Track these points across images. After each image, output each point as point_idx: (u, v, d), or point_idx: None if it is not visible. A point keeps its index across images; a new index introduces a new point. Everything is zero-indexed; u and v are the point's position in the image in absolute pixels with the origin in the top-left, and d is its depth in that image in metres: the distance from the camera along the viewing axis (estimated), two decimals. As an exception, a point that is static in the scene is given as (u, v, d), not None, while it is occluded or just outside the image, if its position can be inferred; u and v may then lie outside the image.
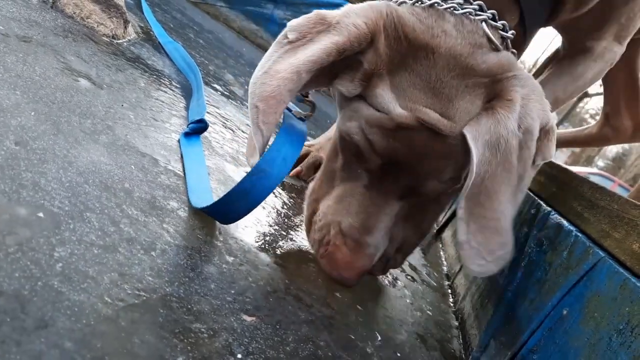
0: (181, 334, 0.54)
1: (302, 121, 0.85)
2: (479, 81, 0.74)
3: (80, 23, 1.32)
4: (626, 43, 1.19)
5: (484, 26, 0.75)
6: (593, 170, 15.26)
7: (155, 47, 1.63)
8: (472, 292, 1.05)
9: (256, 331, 0.62)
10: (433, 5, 0.75)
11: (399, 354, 0.79)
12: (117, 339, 0.48)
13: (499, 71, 0.74)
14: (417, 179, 0.79)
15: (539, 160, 0.76)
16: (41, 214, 0.57)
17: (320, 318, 0.75)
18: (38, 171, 0.63)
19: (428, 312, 1.02)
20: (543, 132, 0.75)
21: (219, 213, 0.77)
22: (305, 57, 0.69)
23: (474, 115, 0.74)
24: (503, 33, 0.79)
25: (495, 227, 0.72)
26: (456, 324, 1.04)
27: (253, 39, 3.61)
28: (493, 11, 0.77)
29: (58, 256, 0.53)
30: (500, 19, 0.78)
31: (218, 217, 0.78)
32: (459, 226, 0.73)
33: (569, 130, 2.02)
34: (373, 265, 0.91)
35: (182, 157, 0.94)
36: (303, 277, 0.83)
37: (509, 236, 0.74)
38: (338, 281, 0.85)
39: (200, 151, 0.99)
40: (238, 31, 3.57)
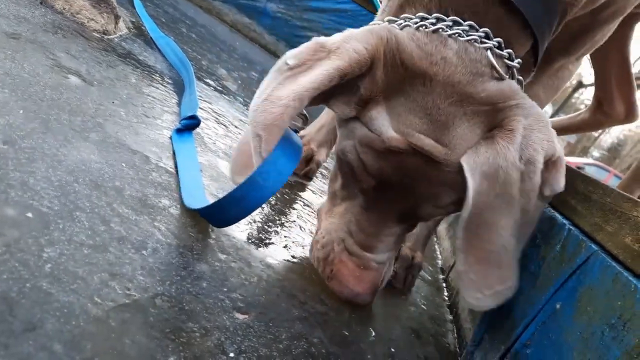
0: (173, 334, 0.53)
1: (295, 132, 0.84)
2: (479, 109, 0.72)
3: (70, 19, 1.31)
4: (581, 60, 1.18)
5: (489, 54, 0.72)
6: (588, 160, 15.30)
7: (146, 43, 1.62)
8: (467, 286, 1.05)
9: (249, 329, 0.62)
10: (437, 30, 0.73)
11: (393, 350, 0.79)
12: (107, 340, 0.48)
13: (501, 99, 0.72)
14: (412, 204, 0.78)
15: (547, 192, 0.72)
16: (30, 214, 0.56)
17: (313, 315, 0.75)
18: (27, 170, 0.63)
19: (422, 307, 1.02)
20: (550, 163, 0.72)
21: (210, 216, 0.77)
22: (307, 83, 0.68)
23: (473, 143, 0.72)
24: (509, 62, 0.75)
25: (494, 260, 0.71)
26: (450, 318, 1.04)
27: (246, 33, 3.59)
28: (499, 39, 0.74)
29: (47, 257, 0.52)
30: (509, 47, 0.75)
31: (209, 220, 0.78)
32: (458, 256, 0.72)
33: (563, 117, 2.02)
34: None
35: (174, 154, 0.94)
36: (296, 274, 0.83)
37: (511, 271, 0.71)
38: (352, 300, 0.82)
39: (192, 148, 0.98)
40: (231, 25, 3.55)
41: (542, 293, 0.69)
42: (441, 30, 0.73)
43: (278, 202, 1.07)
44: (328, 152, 1.33)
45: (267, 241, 0.87)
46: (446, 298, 1.15)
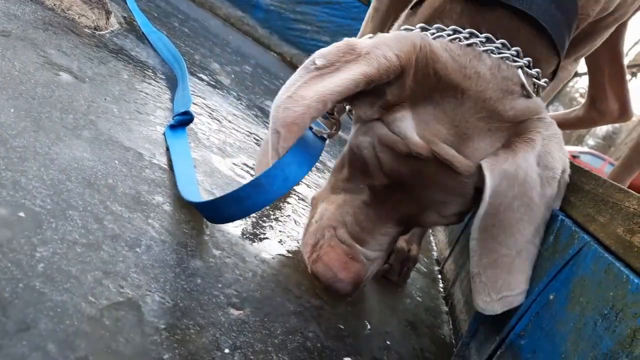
0: (167, 331, 0.53)
1: (323, 140, 0.82)
2: (503, 125, 0.73)
3: (60, 15, 1.30)
4: (580, 60, 1.19)
5: (520, 73, 0.74)
6: (584, 149, 15.35)
7: (138, 38, 1.61)
8: (462, 278, 1.05)
9: (244, 325, 0.62)
10: (471, 45, 0.74)
11: (389, 342, 0.79)
12: (102, 339, 0.48)
13: (526, 116, 0.73)
14: (418, 209, 0.78)
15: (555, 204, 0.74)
16: (22, 214, 0.56)
17: (309, 309, 0.75)
18: (18, 170, 0.63)
19: (418, 299, 1.02)
20: (561, 179, 0.74)
21: (209, 212, 0.76)
22: (332, 86, 0.68)
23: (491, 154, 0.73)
24: (536, 80, 0.78)
25: (507, 265, 0.70)
26: (446, 310, 1.05)
27: (239, 26, 3.57)
28: (529, 58, 0.76)
29: (40, 256, 0.52)
30: (537, 66, 0.77)
31: (207, 215, 0.77)
32: (472, 257, 0.71)
33: (557, 112, 2.02)
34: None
35: (169, 151, 0.93)
36: (291, 268, 0.83)
37: (522, 279, 0.70)
38: (332, 287, 0.78)
39: (186, 144, 0.98)
40: (224, 19, 3.53)
41: (536, 284, 0.69)
42: (475, 45, 0.74)
43: (273, 197, 1.07)
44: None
45: (262, 236, 0.87)
46: (441, 290, 1.15)
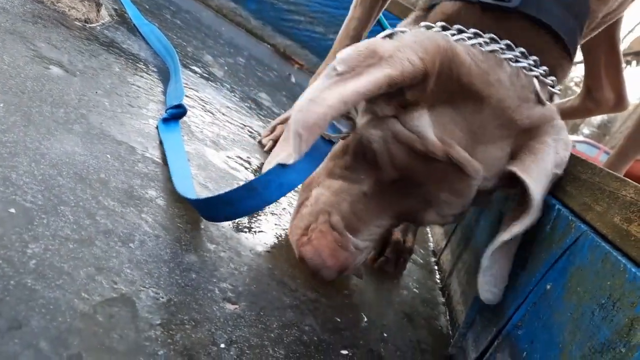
0: (161, 327, 0.53)
1: (332, 143, 0.80)
2: (516, 133, 0.75)
3: (50, 7, 1.28)
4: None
5: (536, 83, 0.76)
6: (579, 138, 15.38)
7: (130, 30, 1.59)
8: (459, 269, 1.05)
9: (239, 319, 0.62)
10: (493, 51, 0.74)
11: (386, 335, 0.79)
12: (95, 335, 0.47)
13: (541, 123, 0.75)
14: (420, 207, 0.78)
15: None
16: (13, 210, 0.55)
17: (305, 302, 0.74)
18: (8, 165, 0.62)
19: (415, 290, 1.02)
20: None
21: (202, 210, 0.76)
22: (355, 88, 0.67)
23: (500, 160, 0.75)
24: (551, 89, 0.80)
25: (509, 258, 0.75)
26: (443, 301, 1.05)
27: (232, 18, 3.54)
28: (545, 68, 0.77)
29: (31, 253, 0.51)
30: (552, 74, 0.79)
31: (200, 212, 0.76)
32: (490, 253, 0.72)
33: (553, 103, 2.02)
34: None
35: (162, 144, 0.92)
36: (287, 262, 0.83)
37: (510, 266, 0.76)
38: (318, 272, 0.79)
39: (179, 137, 0.97)
40: (216, 10, 3.50)
41: (533, 274, 0.69)
42: (496, 52, 0.75)
43: (267, 190, 1.06)
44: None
45: (257, 229, 0.86)
46: (438, 281, 1.15)
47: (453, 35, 0.76)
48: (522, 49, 0.76)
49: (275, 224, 0.93)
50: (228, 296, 0.65)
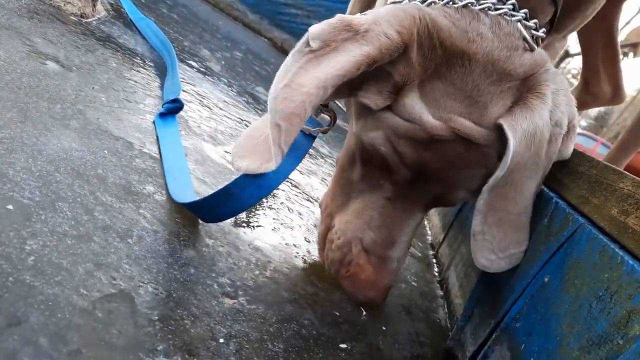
0: (161, 322, 0.53)
1: (312, 138, 0.77)
2: (514, 84, 0.70)
3: (46, 2, 1.28)
4: (567, 38, 1.17)
5: (521, 27, 0.71)
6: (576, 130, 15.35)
7: (126, 25, 1.59)
8: (457, 262, 1.05)
9: (238, 313, 0.62)
10: (467, 5, 0.70)
11: (385, 328, 0.79)
12: (94, 331, 0.47)
13: (535, 70, 0.70)
14: (446, 190, 0.75)
15: (556, 157, 0.73)
16: (10, 207, 0.55)
17: (303, 296, 0.74)
18: (6, 162, 0.61)
19: (413, 283, 1.02)
20: (568, 128, 0.72)
21: (193, 211, 0.75)
22: (332, 70, 0.63)
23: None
24: (535, 32, 0.75)
25: (514, 222, 0.70)
26: (441, 294, 1.05)
27: (229, 12, 3.53)
28: (525, 10, 0.73)
29: (30, 249, 0.51)
30: (534, 17, 0.74)
31: (194, 213, 0.76)
32: (475, 216, 0.70)
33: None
34: None
35: (158, 140, 0.92)
36: (285, 256, 0.83)
37: (527, 234, 0.71)
38: (363, 303, 0.80)
39: (176, 132, 0.97)
40: (213, 4, 3.49)
41: (531, 267, 0.69)
42: (470, 5, 0.70)
43: (265, 184, 1.06)
44: None
45: (255, 224, 0.86)
46: (436, 274, 1.15)
47: (423, 1, 0.73)
48: None
49: (273, 219, 0.93)
50: (227, 291, 0.65)
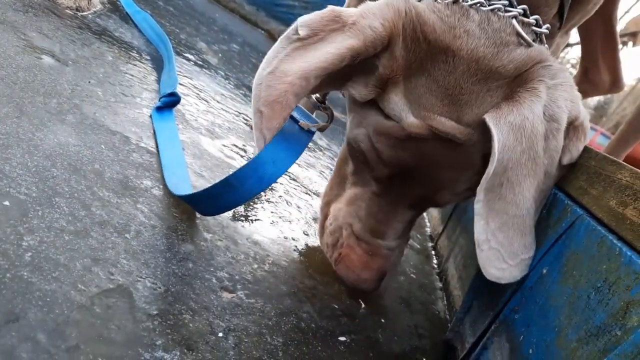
0: (159, 317, 0.53)
1: (311, 134, 0.77)
2: (504, 82, 0.67)
3: (41, -4, 1.27)
4: (570, 33, 1.16)
5: (514, 22, 0.68)
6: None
7: (122, 18, 1.58)
8: (455, 253, 1.05)
9: (237, 307, 0.62)
10: (457, 1, 0.68)
11: (384, 320, 0.80)
12: (92, 327, 0.47)
13: (528, 65, 0.67)
14: (429, 191, 0.73)
15: (566, 160, 0.68)
16: (7, 202, 0.55)
17: (302, 289, 0.74)
18: (2, 157, 0.61)
19: (412, 276, 1.02)
20: (572, 128, 0.67)
21: (192, 204, 0.75)
22: (315, 62, 0.63)
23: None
24: (536, 29, 0.71)
25: (519, 226, 0.65)
26: (440, 286, 1.05)
27: (225, 4, 3.52)
28: (524, 6, 0.69)
29: (27, 245, 0.51)
30: (535, 13, 0.71)
31: (192, 207, 0.76)
32: (477, 222, 0.66)
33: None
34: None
35: (155, 134, 0.92)
36: (284, 249, 0.83)
37: (532, 238, 0.67)
38: (357, 287, 0.80)
39: (173, 126, 0.97)
40: (210, -4, 3.47)
41: (529, 258, 0.69)
42: (461, 0, 0.68)
43: (263, 177, 1.06)
44: None
45: (254, 218, 0.86)
46: (435, 266, 1.15)
47: None
48: None
49: (271, 212, 0.93)
50: (225, 285, 0.65)
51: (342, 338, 0.69)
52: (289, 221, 0.93)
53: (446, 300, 0.99)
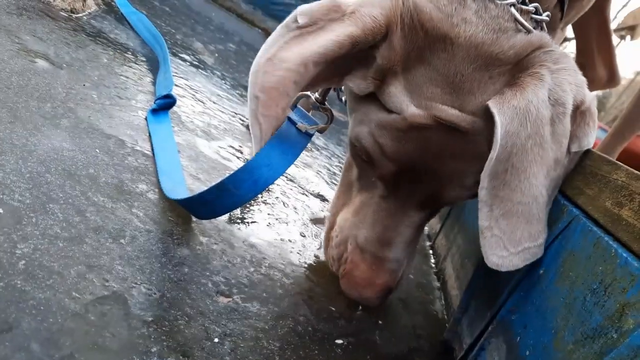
0: (154, 323, 0.53)
1: (309, 136, 0.76)
2: (506, 69, 0.67)
3: (35, -1, 1.26)
4: (566, 29, 1.16)
5: (513, 10, 0.67)
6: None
7: (117, 19, 1.57)
8: (453, 253, 1.05)
9: (233, 312, 0.62)
10: None
11: (381, 321, 0.79)
12: (87, 335, 0.47)
13: (528, 50, 0.66)
14: (437, 186, 0.72)
15: (575, 147, 0.67)
16: (0, 210, 0.55)
17: (299, 292, 0.74)
18: (-5, 164, 0.61)
19: (410, 275, 1.02)
20: (578, 113, 0.67)
21: (187, 208, 0.75)
22: (314, 48, 0.63)
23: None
24: (536, 16, 0.70)
25: (524, 214, 0.64)
26: (438, 285, 1.05)
27: (222, 3, 3.51)
28: None
29: (20, 253, 0.51)
30: (534, 1, 0.70)
31: (188, 210, 0.76)
32: (480, 210, 0.64)
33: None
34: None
35: (150, 137, 0.92)
36: (281, 252, 0.82)
37: (541, 227, 0.65)
38: (360, 302, 0.79)
39: (169, 129, 0.96)
40: (206, -5, 3.46)
41: (526, 259, 0.69)
42: None
43: (260, 179, 1.06)
44: None
45: (250, 220, 0.86)
46: (433, 265, 1.15)
47: None
48: None
49: (268, 214, 0.92)
50: (221, 289, 0.64)
51: (339, 341, 0.69)
52: (286, 223, 0.93)
53: (444, 300, 0.99)
